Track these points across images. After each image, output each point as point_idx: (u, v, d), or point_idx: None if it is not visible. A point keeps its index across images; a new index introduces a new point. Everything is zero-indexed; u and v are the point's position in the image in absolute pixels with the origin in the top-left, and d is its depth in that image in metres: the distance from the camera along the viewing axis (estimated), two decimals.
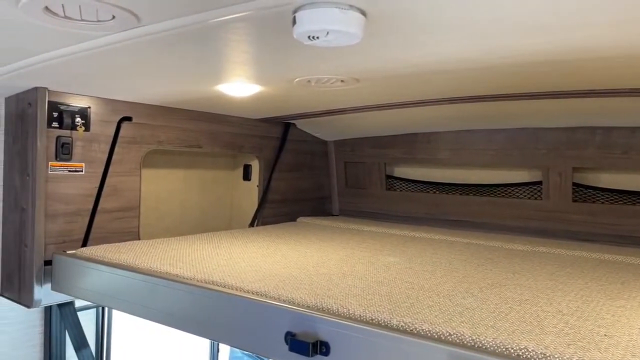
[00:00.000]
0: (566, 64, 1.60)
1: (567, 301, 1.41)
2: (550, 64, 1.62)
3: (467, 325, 1.14)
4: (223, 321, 1.41)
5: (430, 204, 3.10)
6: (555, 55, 1.49)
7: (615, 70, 1.66)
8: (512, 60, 1.55)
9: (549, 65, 1.64)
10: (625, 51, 1.40)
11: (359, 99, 2.30)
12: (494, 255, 2.12)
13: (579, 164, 2.60)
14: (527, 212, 2.75)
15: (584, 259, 2.09)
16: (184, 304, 1.51)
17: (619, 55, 1.46)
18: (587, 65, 1.62)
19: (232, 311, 1.39)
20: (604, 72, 1.70)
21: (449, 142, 3.00)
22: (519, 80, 1.88)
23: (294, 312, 1.28)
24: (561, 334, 1.10)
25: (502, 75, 1.79)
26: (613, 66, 1.62)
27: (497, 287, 1.55)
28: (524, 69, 1.71)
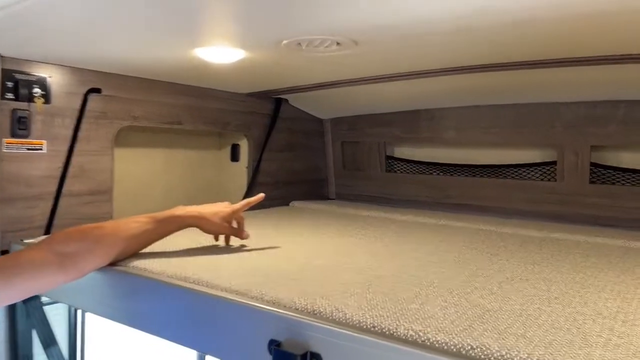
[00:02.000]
0: (590, 21, 1.37)
1: (604, 300, 1.19)
2: (568, 22, 1.39)
3: (492, 335, 0.92)
4: (193, 324, 1.19)
5: (433, 187, 2.87)
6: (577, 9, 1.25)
7: None
8: (527, 17, 1.31)
9: (569, 24, 1.40)
10: None
11: (356, 69, 2.06)
12: (508, 243, 1.90)
13: (599, 141, 2.37)
14: (539, 195, 2.53)
15: (608, 247, 1.87)
16: (149, 302, 1.28)
17: None
18: (616, 23, 1.38)
19: (205, 313, 1.17)
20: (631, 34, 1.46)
21: (454, 119, 2.76)
22: (535, 45, 1.64)
23: (280, 315, 1.06)
24: (610, 347, 0.88)
25: (516, 39, 1.55)
26: None
27: (518, 282, 1.33)
28: (541, 30, 1.47)
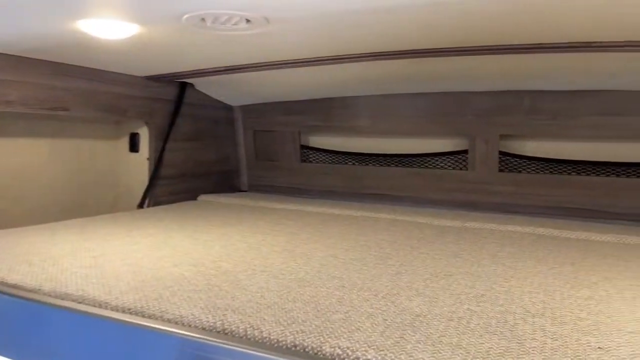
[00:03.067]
0: (495, 13, 1.34)
1: (528, 294, 1.16)
2: (479, 14, 1.36)
3: (426, 347, 0.83)
4: (76, 352, 0.98)
5: (349, 177, 2.80)
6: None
7: (555, 22, 1.43)
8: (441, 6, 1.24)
9: (479, 15, 1.37)
10: None
11: (269, 52, 1.89)
12: (425, 234, 1.87)
13: (506, 131, 2.42)
14: (452, 183, 2.55)
15: (519, 235, 1.89)
16: (18, 326, 1.05)
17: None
18: (521, 15, 1.37)
19: (89, 338, 0.97)
20: (541, 24, 1.46)
21: (368, 108, 2.69)
22: (445, 33, 1.59)
23: (183, 338, 0.89)
24: (547, 351, 0.83)
25: (426, 25, 1.49)
26: (551, 17, 1.38)
27: (443, 278, 1.27)
28: (451, 19, 1.42)
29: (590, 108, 2.22)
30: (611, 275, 1.36)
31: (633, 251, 1.65)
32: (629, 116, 2.15)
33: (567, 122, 2.27)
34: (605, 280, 1.31)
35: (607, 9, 1.30)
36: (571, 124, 2.26)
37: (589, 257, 1.56)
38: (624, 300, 1.14)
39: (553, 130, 2.31)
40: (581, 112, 2.23)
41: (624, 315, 1.03)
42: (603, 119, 2.19)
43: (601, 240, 1.82)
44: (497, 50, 1.71)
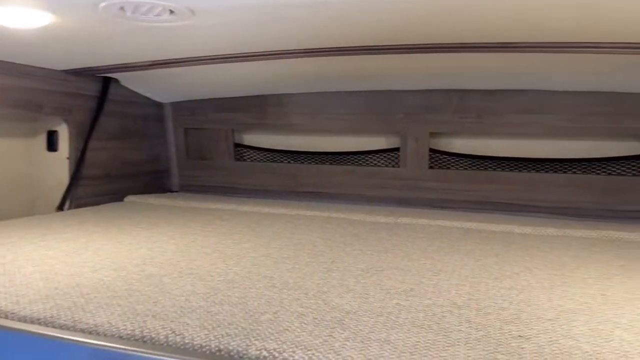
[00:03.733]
0: (422, 12, 1.37)
1: (455, 287, 1.18)
2: (406, 13, 1.38)
3: (354, 344, 0.82)
4: None
5: (284, 175, 2.77)
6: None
7: (477, 23, 1.48)
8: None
9: (406, 14, 1.40)
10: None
11: (195, 46, 1.83)
12: (359, 231, 1.88)
13: (436, 129, 2.49)
14: (385, 180, 2.59)
15: (448, 230, 1.95)
16: None
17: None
18: (446, 15, 1.41)
19: None
20: (465, 24, 1.51)
21: (304, 106, 2.68)
22: (376, 31, 1.61)
23: (96, 348, 0.82)
24: (472, 342, 0.84)
25: (354, 23, 1.50)
26: (475, 19, 1.43)
27: (374, 274, 1.27)
28: (379, 17, 1.44)
29: (512, 107, 2.32)
30: (532, 265, 1.42)
31: (551, 242, 1.75)
32: (546, 114, 2.28)
33: (492, 121, 2.36)
34: (526, 270, 1.37)
35: (524, 12, 1.36)
36: (495, 122, 2.36)
37: (511, 249, 1.63)
38: (543, 289, 1.19)
39: (479, 128, 2.41)
40: (504, 111, 2.34)
41: (542, 304, 1.07)
42: (523, 117, 2.31)
43: (523, 233, 1.91)
44: (424, 49, 1.75)
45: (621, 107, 2.17)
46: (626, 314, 1.01)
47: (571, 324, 0.95)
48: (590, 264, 1.45)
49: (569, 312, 1.02)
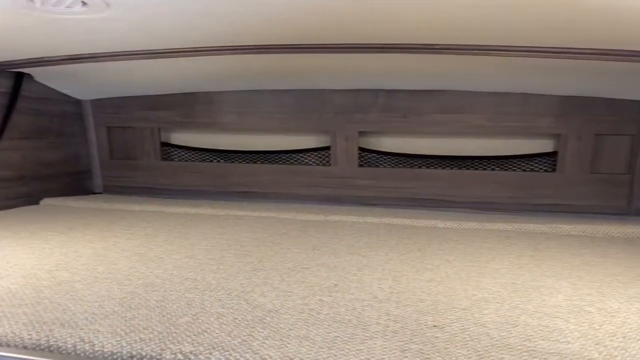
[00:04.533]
0: (350, 14, 1.40)
1: (378, 281, 1.21)
2: (334, 14, 1.41)
3: (274, 342, 0.81)
4: None
5: (214, 175, 2.72)
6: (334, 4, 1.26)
7: (399, 24, 1.53)
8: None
9: (332, 14, 1.42)
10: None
11: (113, 41, 1.74)
12: (289, 229, 1.87)
13: (364, 128, 2.54)
14: (316, 179, 2.61)
15: (376, 226, 2.00)
16: None
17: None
18: (371, 17, 1.44)
19: None
20: (387, 25, 1.55)
21: (233, 104, 2.64)
22: (302, 30, 1.62)
23: None
24: (389, 334, 0.86)
25: (281, 20, 1.50)
26: (397, 20, 1.48)
27: (300, 272, 1.28)
28: (305, 16, 1.45)
29: (434, 107, 2.42)
30: (451, 258, 1.49)
31: (470, 235, 1.83)
32: (466, 114, 2.39)
33: (416, 120, 2.45)
34: (446, 263, 1.42)
35: (442, 15, 1.41)
36: (419, 121, 2.44)
37: (433, 243, 1.70)
38: (460, 280, 1.24)
39: (405, 127, 2.48)
40: (427, 110, 2.43)
41: (458, 294, 1.12)
42: (445, 116, 2.41)
43: (445, 227, 1.99)
44: (349, 49, 1.78)
45: (532, 108, 2.32)
46: (532, 301, 1.08)
47: (482, 312, 1.00)
48: (504, 255, 1.53)
49: (482, 301, 1.08)
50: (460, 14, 1.41)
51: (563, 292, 1.15)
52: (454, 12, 1.40)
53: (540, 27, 1.49)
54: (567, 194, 2.34)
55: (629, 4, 1.17)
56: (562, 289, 1.18)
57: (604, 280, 1.26)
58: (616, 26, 1.41)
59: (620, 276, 1.30)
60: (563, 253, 1.58)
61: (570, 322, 0.95)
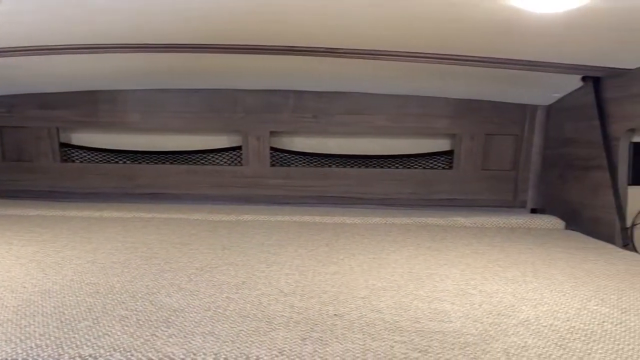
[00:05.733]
0: (254, 15, 1.44)
1: (285, 276, 1.26)
2: (238, 15, 1.44)
3: (177, 340, 0.83)
4: None
5: (120, 177, 2.62)
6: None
7: (305, 28, 1.60)
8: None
9: (236, 16, 1.45)
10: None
11: (5, 35, 1.63)
12: (199, 230, 1.87)
13: (276, 128, 2.58)
14: (228, 179, 2.60)
15: (287, 224, 2.04)
16: None
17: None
18: (282, 19, 1.49)
19: None
20: (294, 28, 1.61)
21: (139, 103, 2.56)
22: (207, 30, 1.63)
23: None
24: (291, 325, 0.91)
25: (184, 18, 1.51)
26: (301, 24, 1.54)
27: (208, 271, 1.29)
28: (208, 16, 1.47)
29: (342, 108, 2.52)
30: (356, 251, 1.57)
31: (375, 230, 1.94)
32: (371, 115, 2.51)
33: (326, 120, 2.53)
34: (350, 256, 1.50)
35: (345, 21, 1.49)
36: (328, 121, 2.53)
37: (340, 238, 1.78)
38: (362, 272, 1.32)
39: (315, 127, 2.56)
40: (335, 111, 2.52)
41: (359, 284, 1.20)
42: (352, 117, 2.52)
43: (352, 223, 2.09)
44: (254, 50, 1.81)
45: (430, 110, 2.50)
46: (425, 287, 1.18)
47: (380, 299, 1.08)
48: (404, 247, 1.65)
49: (380, 289, 1.16)
50: (362, 22, 1.50)
51: (452, 278, 1.27)
52: (356, 20, 1.49)
53: (434, 36, 1.62)
54: (462, 189, 2.55)
55: (507, 17, 1.31)
56: (452, 275, 1.30)
57: (487, 265, 1.41)
58: (496, 38, 1.57)
59: (502, 261, 1.46)
60: (456, 243, 1.73)
61: (455, 304, 1.05)
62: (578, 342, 0.85)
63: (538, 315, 0.99)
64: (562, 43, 1.58)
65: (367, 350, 0.80)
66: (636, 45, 1.52)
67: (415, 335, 0.87)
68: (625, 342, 0.85)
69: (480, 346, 0.83)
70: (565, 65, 1.85)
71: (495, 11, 1.28)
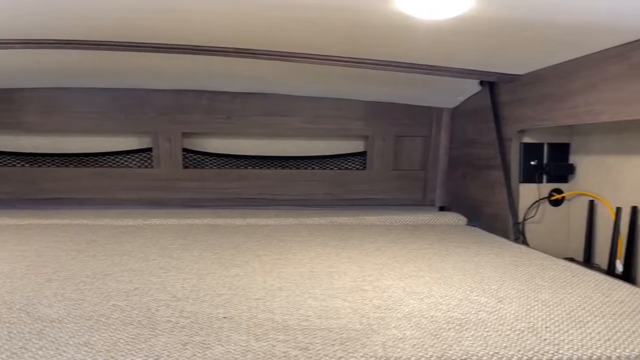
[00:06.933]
0: (149, 12, 1.40)
1: (183, 280, 1.23)
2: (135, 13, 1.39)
3: (48, 352, 0.78)
4: None
5: (18, 181, 2.43)
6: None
7: (217, 28, 1.57)
8: None
9: (141, 13, 1.40)
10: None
11: None
12: (99, 236, 1.78)
13: (188, 129, 2.52)
14: (138, 182, 2.50)
15: (196, 227, 2.00)
16: None
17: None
18: (192, 18, 1.46)
19: None
20: (206, 29, 1.58)
21: (38, 103, 2.40)
22: (119, 27, 1.56)
23: None
24: (176, 330, 0.89)
25: (82, 16, 1.43)
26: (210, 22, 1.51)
27: (100, 279, 1.23)
28: (113, 14, 1.41)
29: (258, 109, 2.50)
30: (263, 253, 1.56)
31: (286, 231, 1.95)
32: (287, 117, 2.52)
33: (240, 121, 2.51)
34: (256, 258, 1.50)
35: (255, 21, 1.48)
36: (243, 122, 2.51)
37: (250, 240, 1.77)
38: (263, 273, 1.32)
39: (229, 128, 2.52)
40: (251, 113, 2.50)
41: (257, 285, 1.19)
42: (268, 119, 2.51)
43: (265, 224, 2.08)
44: (159, 48, 1.75)
45: (344, 112, 2.55)
46: (322, 285, 1.20)
47: (274, 299, 1.08)
48: (312, 247, 1.67)
49: (277, 289, 1.16)
50: (267, 24, 1.49)
51: (350, 275, 1.30)
52: (262, 23, 1.48)
53: (342, 40, 1.64)
54: (375, 189, 2.62)
55: (402, 24, 1.36)
56: (351, 272, 1.33)
57: (387, 262, 1.45)
58: (396, 43, 1.63)
59: (401, 257, 1.52)
60: (362, 241, 1.77)
61: (347, 301, 1.08)
62: (452, 331, 0.90)
63: (422, 307, 1.04)
64: (457, 49, 1.67)
65: (248, 351, 0.80)
66: (518, 52, 1.64)
67: (300, 333, 0.88)
68: (494, 329, 0.91)
69: (361, 340, 0.85)
70: (463, 70, 1.95)
71: (391, 18, 1.33)
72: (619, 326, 0.94)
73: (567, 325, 0.94)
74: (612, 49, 1.44)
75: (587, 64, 1.55)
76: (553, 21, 1.26)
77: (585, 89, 1.56)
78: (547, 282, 1.26)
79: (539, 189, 1.98)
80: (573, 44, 1.48)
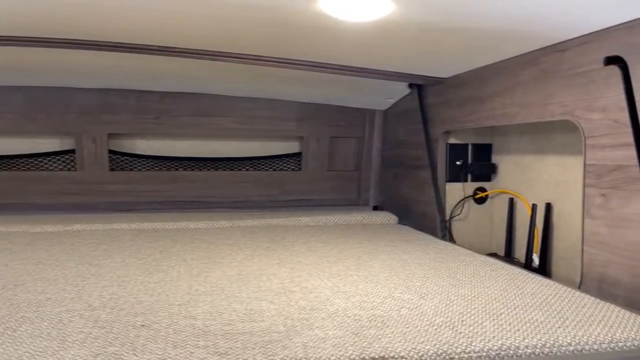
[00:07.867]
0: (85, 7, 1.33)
1: (101, 288, 1.17)
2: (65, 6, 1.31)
3: None
4: None
5: None
6: None
7: (140, 24, 1.51)
8: None
9: (56, 5, 1.32)
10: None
11: None
12: (15, 244, 1.67)
13: (115, 129, 2.41)
14: (60, 185, 2.36)
15: (122, 232, 1.92)
16: None
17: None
18: (110, 12, 1.39)
19: None
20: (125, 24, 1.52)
21: None
22: (31, 22, 1.47)
23: None
24: (88, 341, 0.84)
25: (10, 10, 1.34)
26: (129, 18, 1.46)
27: (10, 289, 1.15)
28: (34, 6, 1.32)
29: (188, 109, 2.44)
30: (190, 257, 1.52)
31: (218, 233, 1.91)
32: (220, 117, 2.48)
33: (170, 122, 2.43)
34: (182, 262, 1.45)
35: (177, 19, 1.43)
36: (173, 123, 2.44)
37: (179, 243, 1.71)
38: (189, 278, 1.28)
39: (158, 129, 2.44)
40: (181, 113, 2.43)
41: (181, 291, 1.16)
42: (200, 119, 2.46)
43: (196, 228, 2.03)
44: (76, 44, 1.66)
45: (278, 113, 2.54)
46: (249, 288, 1.19)
47: (197, 305, 1.05)
48: (243, 249, 1.64)
49: (202, 294, 1.13)
50: (193, 21, 1.45)
51: (279, 277, 1.29)
52: (186, 18, 1.44)
53: (268, 39, 1.63)
54: (310, 190, 2.63)
55: (327, 25, 1.37)
56: (280, 274, 1.32)
57: (316, 262, 1.46)
58: (323, 44, 1.64)
59: (331, 257, 1.53)
60: (294, 242, 1.77)
61: (273, 303, 1.07)
62: (373, 329, 0.91)
63: (347, 306, 1.05)
64: (384, 52, 1.71)
65: (165, 359, 0.77)
66: (442, 56, 1.70)
67: (221, 338, 0.86)
68: (414, 325, 0.94)
69: (282, 342, 0.84)
70: (392, 73, 2.00)
71: (316, 19, 1.33)
72: (529, 317, 0.99)
73: (482, 318, 0.99)
74: (526, 55, 1.53)
75: (503, 68, 1.64)
76: (471, 26, 1.31)
77: (501, 92, 1.64)
78: (468, 277, 1.31)
79: (464, 187, 2.07)
80: (491, 49, 1.56)
